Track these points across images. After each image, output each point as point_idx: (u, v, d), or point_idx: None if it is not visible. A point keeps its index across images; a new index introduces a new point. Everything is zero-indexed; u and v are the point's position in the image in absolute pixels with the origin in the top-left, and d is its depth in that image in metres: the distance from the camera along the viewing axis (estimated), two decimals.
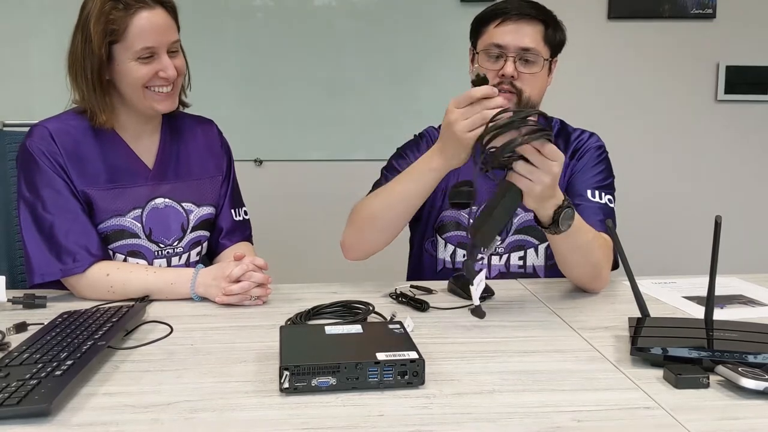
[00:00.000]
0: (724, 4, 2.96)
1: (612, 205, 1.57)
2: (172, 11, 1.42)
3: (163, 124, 1.53)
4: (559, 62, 1.58)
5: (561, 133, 1.65)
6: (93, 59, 1.37)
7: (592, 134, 1.66)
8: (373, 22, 2.87)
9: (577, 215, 1.28)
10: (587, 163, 1.61)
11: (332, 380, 0.91)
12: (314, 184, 2.91)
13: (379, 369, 0.92)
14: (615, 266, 1.51)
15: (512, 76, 1.49)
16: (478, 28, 1.57)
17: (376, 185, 1.60)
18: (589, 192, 1.55)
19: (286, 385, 0.91)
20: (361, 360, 0.92)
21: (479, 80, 1.27)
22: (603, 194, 1.56)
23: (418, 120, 1.81)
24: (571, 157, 1.61)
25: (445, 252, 1.63)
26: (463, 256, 1.61)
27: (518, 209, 1.59)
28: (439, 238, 1.64)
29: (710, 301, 1.10)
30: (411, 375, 0.93)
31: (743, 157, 3.10)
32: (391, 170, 1.61)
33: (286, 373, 0.90)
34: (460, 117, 1.26)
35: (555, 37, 1.54)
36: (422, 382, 0.93)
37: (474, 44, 1.59)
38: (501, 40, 1.49)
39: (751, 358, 0.97)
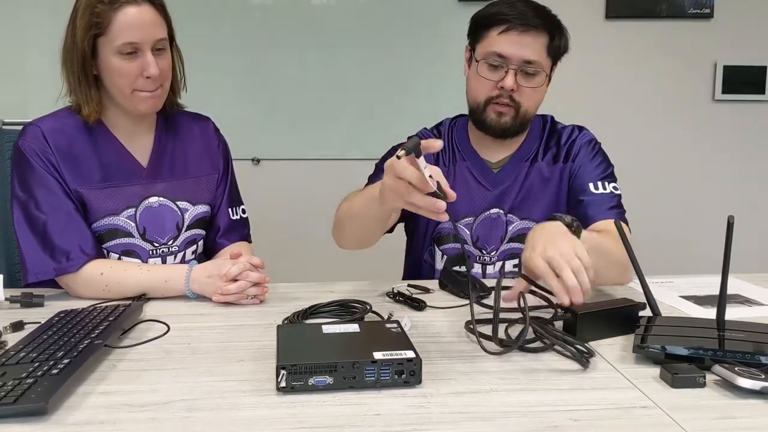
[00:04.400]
0: (721, 4, 2.97)
1: (618, 192, 1.55)
2: (161, 9, 1.40)
3: (158, 121, 1.53)
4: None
5: (552, 135, 1.62)
6: (77, 51, 1.37)
7: (581, 129, 1.63)
8: (370, 20, 2.87)
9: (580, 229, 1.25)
10: (583, 159, 1.58)
11: (329, 379, 0.91)
12: (311, 183, 2.91)
13: (376, 368, 0.92)
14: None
15: (512, 90, 1.45)
16: (478, 29, 1.50)
17: (371, 179, 1.58)
18: (591, 185, 1.54)
19: (283, 384, 0.90)
20: (358, 359, 0.92)
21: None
22: (606, 184, 1.55)
23: (415, 119, 1.81)
24: (565, 160, 1.59)
25: (441, 263, 1.61)
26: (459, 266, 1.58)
27: (514, 217, 1.57)
28: (436, 248, 1.62)
29: (722, 300, 1.09)
30: (408, 374, 0.93)
31: (740, 156, 3.10)
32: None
33: (283, 372, 0.90)
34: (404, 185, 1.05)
35: (559, 48, 1.50)
36: (419, 382, 0.93)
37: (472, 45, 1.53)
38: (503, 50, 1.44)
39: (764, 360, 0.96)
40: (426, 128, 1.68)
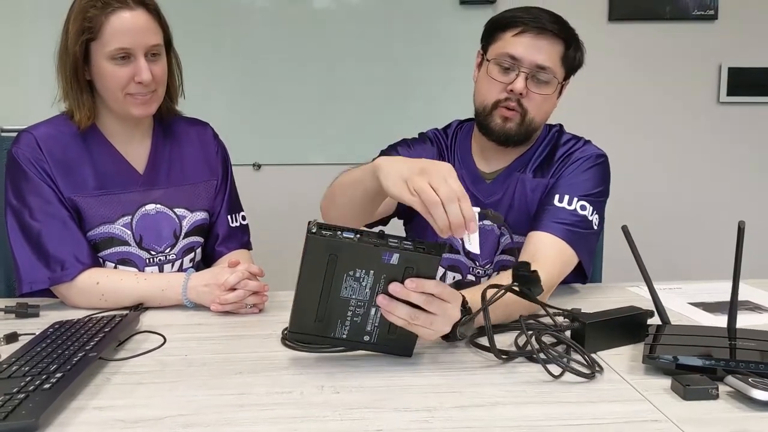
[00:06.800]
0: (725, 5, 2.94)
1: (585, 215, 1.39)
2: (156, 14, 1.38)
3: (155, 127, 1.51)
4: None
5: (551, 146, 1.51)
6: (70, 56, 1.35)
7: (586, 143, 1.51)
8: (372, 24, 2.85)
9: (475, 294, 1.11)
10: (570, 172, 1.46)
11: (356, 236, 0.96)
12: (313, 188, 2.87)
13: (399, 240, 0.97)
14: (585, 279, 1.44)
15: (520, 94, 1.39)
16: (492, 32, 1.46)
17: None
18: (557, 197, 1.40)
19: (314, 229, 0.95)
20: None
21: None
22: (575, 201, 1.40)
23: (416, 123, 1.78)
24: (553, 174, 1.47)
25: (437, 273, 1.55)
26: (453, 278, 1.54)
27: (506, 230, 1.49)
28: None
29: (733, 307, 1.06)
30: (429, 247, 0.98)
31: (746, 159, 3.07)
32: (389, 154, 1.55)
33: (314, 220, 0.96)
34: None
35: (574, 59, 1.45)
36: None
37: (485, 49, 1.48)
38: (516, 51, 1.39)
39: None
40: (436, 129, 1.63)
